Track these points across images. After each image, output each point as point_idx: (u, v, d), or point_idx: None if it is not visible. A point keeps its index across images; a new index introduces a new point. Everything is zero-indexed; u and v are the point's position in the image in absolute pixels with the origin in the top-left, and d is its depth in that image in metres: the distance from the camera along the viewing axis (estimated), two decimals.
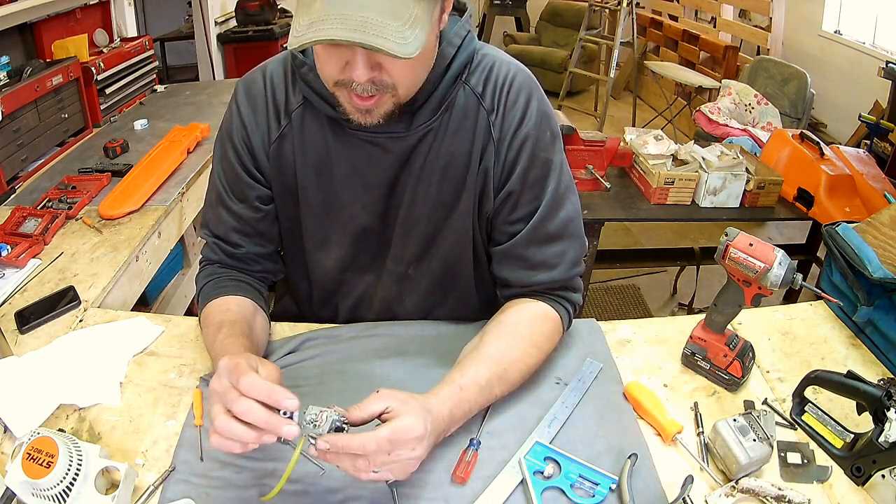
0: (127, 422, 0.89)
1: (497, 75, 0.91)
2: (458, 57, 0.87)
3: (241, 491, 0.77)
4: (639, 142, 2.27)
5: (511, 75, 0.91)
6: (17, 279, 1.28)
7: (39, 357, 1.00)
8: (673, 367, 1.03)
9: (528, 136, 0.90)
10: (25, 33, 2.18)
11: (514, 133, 0.90)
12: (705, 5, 5.37)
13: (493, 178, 0.92)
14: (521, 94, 0.90)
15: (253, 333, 0.90)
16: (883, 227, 1.15)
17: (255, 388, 0.65)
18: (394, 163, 0.91)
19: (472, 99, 0.90)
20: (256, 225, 0.97)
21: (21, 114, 1.83)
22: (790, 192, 2.16)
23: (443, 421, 0.77)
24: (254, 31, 3.77)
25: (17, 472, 0.70)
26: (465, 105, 0.90)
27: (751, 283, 0.92)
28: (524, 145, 0.91)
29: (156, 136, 2.08)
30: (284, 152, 0.93)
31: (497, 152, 0.91)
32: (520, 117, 0.90)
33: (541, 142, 0.91)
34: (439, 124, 0.90)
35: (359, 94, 0.76)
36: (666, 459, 0.85)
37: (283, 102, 0.92)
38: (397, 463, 0.70)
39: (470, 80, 0.90)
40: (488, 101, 0.90)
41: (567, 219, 0.94)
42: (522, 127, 0.90)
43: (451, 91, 0.88)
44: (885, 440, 0.80)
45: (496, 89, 0.90)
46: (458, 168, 0.91)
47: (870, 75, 3.52)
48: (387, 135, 0.88)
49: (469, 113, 0.90)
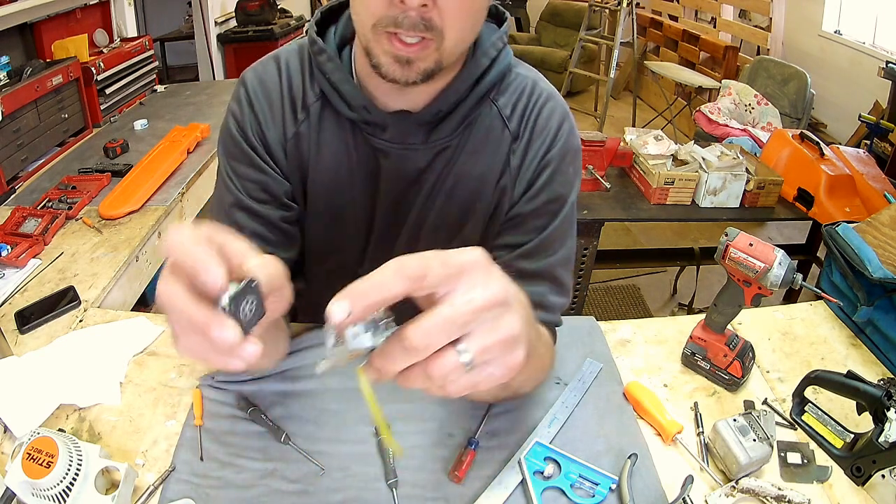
0: (127, 422, 0.89)
1: (529, 99, 0.84)
2: (491, 72, 0.80)
3: (241, 491, 0.77)
4: (639, 142, 2.27)
5: (543, 101, 0.84)
6: (17, 279, 1.28)
7: (39, 357, 1.00)
8: (673, 367, 1.03)
9: (550, 167, 0.84)
10: (25, 33, 2.18)
11: (537, 162, 0.83)
12: (705, 5, 5.37)
13: (505, 204, 0.86)
14: (552, 122, 0.84)
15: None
16: (883, 227, 1.15)
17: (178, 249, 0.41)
18: (405, 177, 0.84)
19: (497, 121, 0.83)
20: (283, 225, 0.86)
21: (21, 114, 1.83)
22: (790, 192, 2.16)
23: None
24: (254, 31, 3.77)
25: (17, 472, 0.70)
26: (488, 126, 0.83)
27: (751, 283, 0.92)
28: (542, 174, 0.84)
29: (156, 136, 2.08)
30: (301, 151, 0.84)
31: (516, 180, 0.84)
32: (546, 147, 0.83)
33: (561, 176, 0.85)
34: (458, 142, 0.82)
35: (403, 38, 0.67)
36: (666, 459, 0.85)
37: (299, 95, 0.82)
38: (487, 329, 0.42)
39: (498, 99, 0.83)
40: (514, 125, 0.83)
41: (557, 263, 0.85)
42: (546, 157, 0.83)
43: (477, 108, 0.81)
44: (885, 440, 0.80)
45: (525, 114, 0.83)
46: (469, 192, 0.85)
47: (870, 75, 3.52)
48: (402, 146, 0.81)
49: (492, 135, 0.83)
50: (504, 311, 0.41)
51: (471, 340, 0.40)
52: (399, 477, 0.79)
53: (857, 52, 3.95)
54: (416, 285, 0.39)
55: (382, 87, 0.77)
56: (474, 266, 0.41)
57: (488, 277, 0.41)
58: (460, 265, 0.41)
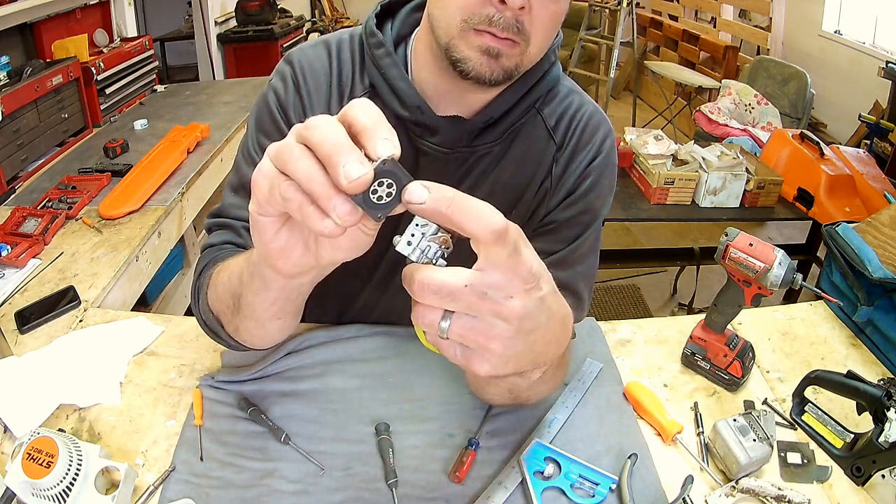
0: (127, 422, 0.89)
1: (575, 112, 0.85)
2: (541, 83, 0.80)
3: (241, 491, 0.77)
4: (639, 142, 2.27)
5: (589, 115, 0.85)
6: (17, 279, 1.28)
7: (39, 357, 1.00)
8: (673, 367, 1.03)
9: (590, 178, 0.85)
10: (25, 33, 2.18)
11: (579, 173, 0.84)
12: (705, 5, 5.36)
13: (541, 212, 0.86)
14: (597, 136, 0.85)
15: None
16: (883, 227, 1.15)
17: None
18: (442, 180, 0.79)
19: (542, 130, 0.84)
20: None
21: (21, 114, 1.83)
22: (790, 192, 2.16)
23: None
24: (254, 31, 3.77)
25: (17, 472, 0.70)
26: (533, 135, 0.83)
27: (751, 283, 0.92)
28: (582, 185, 0.85)
29: (156, 136, 2.08)
30: None
31: (556, 188, 0.85)
32: (589, 159, 0.84)
33: (598, 189, 0.86)
34: (500, 149, 0.82)
35: (496, 32, 0.66)
36: (666, 459, 0.85)
37: (348, 85, 0.81)
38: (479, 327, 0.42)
39: (543, 109, 0.84)
40: (560, 135, 0.84)
41: (580, 276, 0.87)
42: (588, 168, 0.84)
43: (523, 117, 0.81)
44: (885, 440, 0.80)
45: (571, 125, 0.84)
46: (507, 199, 0.85)
47: (870, 75, 3.52)
48: (446, 149, 0.80)
49: (535, 145, 0.83)
50: (510, 329, 0.42)
51: (457, 321, 0.42)
52: (399, 477, 0.79)
53: (857, 52, 3.95)
54: (484, 246, 0.40)
55: (441, 89, 0.77)
56: (528, 277, 0.41)
57: (526, 294, 0.42)
58: (523, 268, 0.41)
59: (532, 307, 0.42)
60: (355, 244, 0.47)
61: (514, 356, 0.43)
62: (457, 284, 0.40)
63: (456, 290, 0.40)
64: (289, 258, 0.48)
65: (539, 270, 0.42)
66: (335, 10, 5.58)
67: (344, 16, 5.56)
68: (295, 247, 0.48)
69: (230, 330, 0.72)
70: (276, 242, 0.47)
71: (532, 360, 0.46)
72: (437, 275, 0.40)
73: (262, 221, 0.46)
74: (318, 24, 4.91)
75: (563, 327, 0.50)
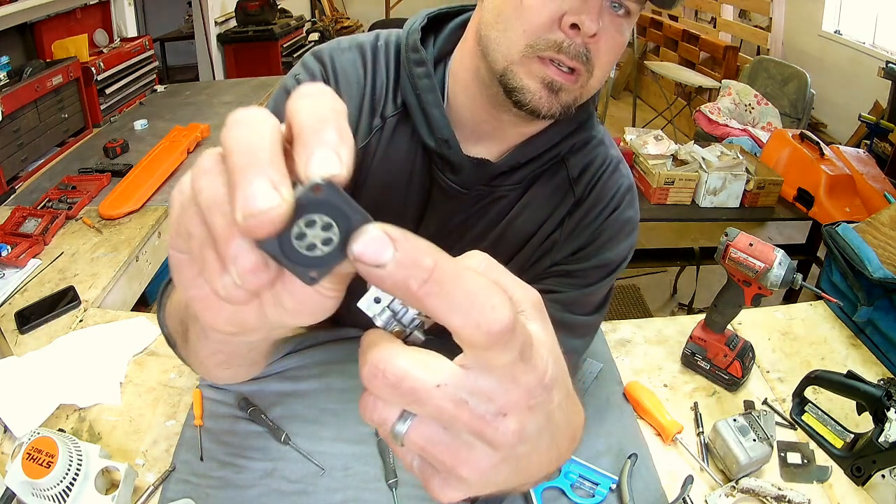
0: (127, 422, 0.89)
1: (600, 165, 0.79)
2: (578, 133, 0.75)
3: (241, 491, 0.77)
4: (639, 142, 2.27)
5: (612, 169, 0.80)
6: (17, 279, 1.28)
7: (39, 357, 1.00)
8: (673, 367, 1.03)
9: (604, 235, 0.80)
10: (25, 33, 2.18)
11: (593, 229, 0.79)
12: (705, 5, 5.36)
13: (546, 261, 0.81)
14: (617, 192, 0.80)
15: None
16: (883, 227, 1.15)
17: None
18: (454, 217, 0.77)
19: (564, 181, 0.78)
20: None
21: (21, 114, 1.83)
22: (790, 192, 2.16)
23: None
24: (254, 31, 3.77)
25: (17, 472, 0.70)
26: (553, 183, 0.78)
27: (751, 283, 0.92)
28: (595, 241, 0.79)
29: (156, 136, 2.08)
30: (364, 161, 0.75)
31: (567, 241, 0.80)
32: (605, 216, 0.79)
33: (614, 244, 0.80)
34: (518, 194, 0.77)
35: (559, 65, 0.63)
36: (666, 459, 0.85)
37: (381, 101, 0.74)
38: (446, 444, 0.27)
39: (570, 158, 0.78)
40: (580, 189, 0.78)
41: (582, 324, 0.81)
42: (603, 224, 0.79)
43: (550, 163, 0.76)
44: (885, 440, 0.80)
45: (592, 179, 0.79)
46: (516, 244, 0.80)
47: (870, 75, 3.52)
48: (464, 189, 0.74)
49: (554, 194, 0.78)
50: (494, 456, 0.27)
51: (419, 429, 0.27)
52: (399, 477, 0.79)
53: (857, 52, 3.95)
54: (474, 348, 0.25)
55: (477, 117, 0.72)
56: (536, 390, 0.26)
57: (528, 412, 0.27)
58: (531, 377, 0.26)
59: (533, 429, 0.27)
60: (310, 307, 0.29)
61: (493, 483, 0.29)
62: (425, 383, 0.25)
63: (423, 391, 0.25)
64: (217, 313, 0.30)
65: (555, 374, 0.27)
66: (335, 11, 5.58)
67: (344, 16, 5.56)
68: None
69: (182, 355, 0.60)
70: (195, 289, 0.29)
71: (519, 483, 0.31)
72: (400, 360, 0.25)
73: (176, 259, 0.29)
74: (318, 24, 4.91)
75: (573, 439, 0.35)
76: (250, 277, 0.25)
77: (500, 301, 0.24)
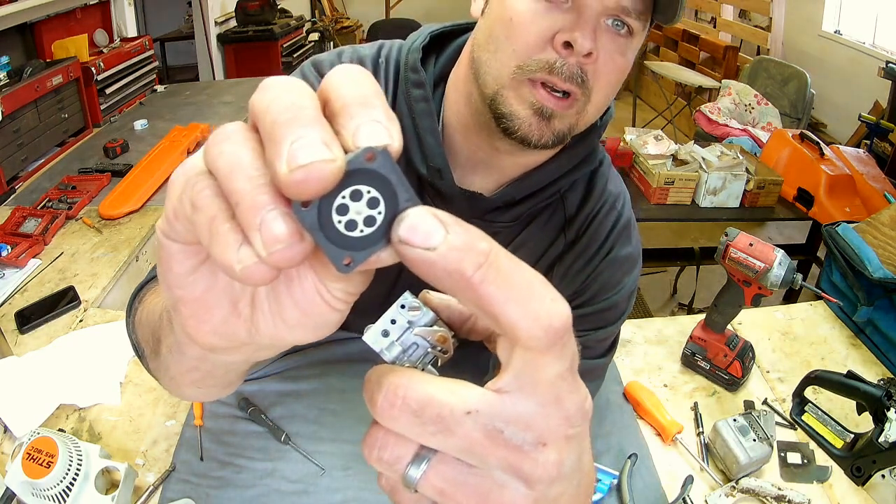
0: (127, 422, 0.89)
1: (595, 201, 0.75)
2: (579, 169, 0.71)
3: (241, 491, 0.77)
4: (639, 142, 2.27)
5: (609, 206, 0.75)
6: (17, 279, 1.28)
7: (39, 357, 1.00)
8: (673, 367, 1.03)
9: (601, 278, 0.75)
10: (25, 33, 2.18)
11: (587, 273, 0.75)
12: (705, 5, 5.36)
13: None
14: (611, 233, 0.75)
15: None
16: (883, 227, 1.15)
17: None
18: None
19: (559, 220, 0.74)
20: None
21: (21, 114, 1.83)
22: (790, 192, 2.16)
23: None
24: (254, 32, 3.77)
25: (17, 472, 0.70)
26: (550, 223, 0.74)
27: (751, 283, 0.92)
28: (592, 284, 0.76)
29: (156, 136, 2.08)
30: None
31: (560, 284, 0.75)
32: (601, 257, 0.75)
33: (614, 285, 0.76)
34: (511, 231, 0.73)
35: (552, 89, 0.58)
36: (666, 459, 0.85)
37: None
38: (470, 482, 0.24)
39: (568, 196, 0.74)
40: (574, 230, 0.74)
41: (584, 368, 0.79)
42: (598, 267, 0.75)
43: (548, 200, 0.72)
44: (885, 440, 0.80)
45: (587, 218, 0.75)
46: None
47: (870, 75, 3.52)
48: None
49: (547, 235, 0.74)
50: (528, 497, 0.23)
51: (439, 469, 0.23)
52: None
53: (857, 52, 3.95)
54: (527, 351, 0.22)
55: (471, 145, 0.68)
56: (576, 416, 0.23)
57: (566, 443, 0.23)
58: (573, 399, 0.23)
59: (569, 466, 0.24)
60: (313, 320, 0.26)
61: None
62: (454, 409, 0.22)
63: (451, 418, 0.22)
64: (205, 320, 0.27)
65: (590, 405, 0.25)
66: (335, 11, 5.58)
67: (344, 16, 5.56)
68: (217, 304, 0.27)
69: (150, 367, 0.54)
70: (186, 289, 0.26)
71: None
72: (423, 385, 0.23)
73: (169, 249, 0.26)
74: (318, 24, 4.91)
75: (589, 495, 0.30)
76: (279, 248, 0.21)
77: (558, 294, 0.21)
